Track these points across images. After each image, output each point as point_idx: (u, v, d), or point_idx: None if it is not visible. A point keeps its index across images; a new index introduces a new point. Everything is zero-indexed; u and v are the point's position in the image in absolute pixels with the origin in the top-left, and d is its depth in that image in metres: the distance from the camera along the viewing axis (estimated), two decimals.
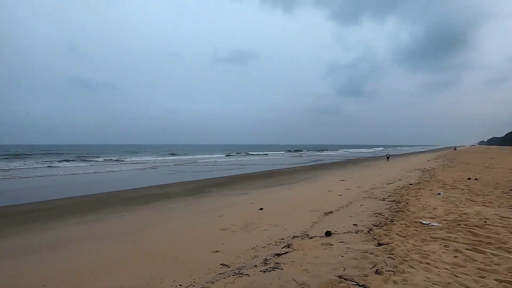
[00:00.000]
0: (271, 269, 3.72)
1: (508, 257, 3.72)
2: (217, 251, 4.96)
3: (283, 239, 5.18)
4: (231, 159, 45.67)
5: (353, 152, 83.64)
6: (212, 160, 43.18)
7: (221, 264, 4.29)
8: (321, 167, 26.89)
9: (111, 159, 41.82)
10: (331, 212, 6.94)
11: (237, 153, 67.89)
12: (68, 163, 34.82)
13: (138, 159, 43.08)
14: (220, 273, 3.88)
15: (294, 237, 5.16)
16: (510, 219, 5.40)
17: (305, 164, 32.42)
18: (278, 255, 4.26)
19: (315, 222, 6.13)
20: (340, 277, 3.35)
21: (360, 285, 3.12)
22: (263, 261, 4.07)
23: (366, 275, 3.33)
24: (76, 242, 6.26)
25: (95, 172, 24.19)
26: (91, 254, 5.46)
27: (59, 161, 36.27)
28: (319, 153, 76.02)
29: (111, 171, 25.55)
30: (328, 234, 4.98)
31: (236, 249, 4.94)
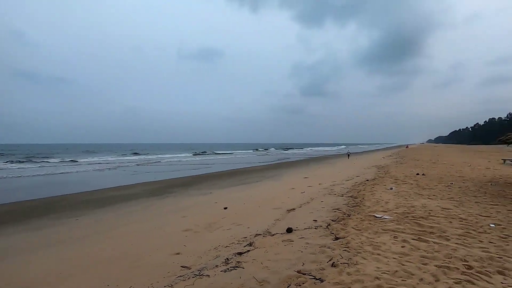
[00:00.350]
0: (232, 268, 3.72)
1: (446, 245, 4.12)
2: (178, 253, 4.84)
3: (245, 237, 5.20)
4: (198, 159, 44.83)
5: (317, 150, 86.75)
6: (177, 159, 42.00)
7: (182, 266, 4.19)
8: (286, 166, 27.49)
9: (64, 160, 38.64)
10: (294, 209, 7.13)
11: (204, 152, 66.82)
12: (14, 164, 31.54)
13: (96, 160, 40.40)
14: (180, 276, 3.80)
15: (257, 235, 5.21)
16: (450, 210, 6.00)
17: (271, 163, 32.91)
18: (240, 254, 4.27)
19: (277, 220, 6.25)
20: (298, 272, 3.46)
21: (316, 279, 3.25)
22: (224, 260, 4.06)
23: (323, 269, 3.47)
24: (22, 252, 5.70)
25: (47, 174, 22.22)
26: (37, 264, 5.02)
27: (4, 163, 32.71)
28: (285, 151, 77.66)
29: (65, 172, 23.66)
30: (289, 230, 5.10)
31: (198, 250, 4.86)
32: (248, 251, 4.36)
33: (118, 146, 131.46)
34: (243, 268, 3.71)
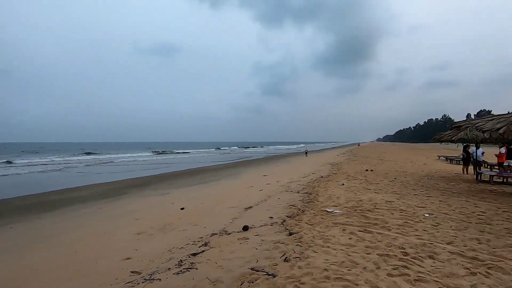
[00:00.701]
0: (186, 270, 3.63)
1: (388, 234, 4.50)
2: (128, 258, 4.59)
3: (201, 237, 5.12)
4: (157, 158, 42.87)
5: (278, 148, 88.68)
6: (133, 159, 39.74)
7: (132, 272, 3.98)
8: (246, 164, 27.66)
9: None
10: (251, 207, 7.20)
11: (164, 151, 64.22)
12: None
13: (38, 160, 36.47)
14: (129, 282, 3.60)
15: (213, 234, 5.16)
16: (392, 203, 6.56)
17: (231, 161, 32.83)
18: (195, 254, 4.18)
19: (235, 218, 6.25)
20: (252, 269, 3.50)
21: (269, 274, 3.31)
22: (177, 263, 3.94)
23: (276, 264, 3.56)
24: None
25: None
26: None
27: None
28: (246, 150, 78.07)
29: None
30: (245, 228, 5.14)
31: (150, 254, 4.66)
32: (203, 251, 4.29)
33: (69, 145, 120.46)
34: (197, 269, 3.64)
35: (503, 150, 12.47)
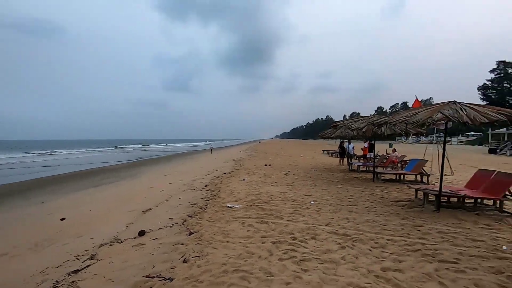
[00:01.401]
0: None
1: (281, 223, 4.97)
2: None
3: (87, 250, 4.46)
4: (40, 159, 34.61)
5: (183, 146, 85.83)
6: (5, 162, 30.86)
7: None
8: (147, 163, 25.71)
9: None
10: (150, 209, 6.73)
11: (53, 151, 52.62)
12: None
13: None
14: None
15: (102, 245, 4.57)
16: (285, 193, 7.31)
17: (131, 161, 29.86)
18: (77, 271, 3.61)
19: (130, 223, 5.72)
20: (147, 276, 3.27)
21: (166, 279, 3.17)
22: (52, 285, 3.31)
23: (174, 267, 3.43)
24: None
25: None
26: None
27: None
28: (148, 148, 72.41)
29: None
30: (141, 233, 4.76)
31: (14, 281, 3.76)
32: (89, 265, 3.75)
33: None
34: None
35: (366, 144, 15.65)
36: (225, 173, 11.94)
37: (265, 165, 14.69)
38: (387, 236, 4.27)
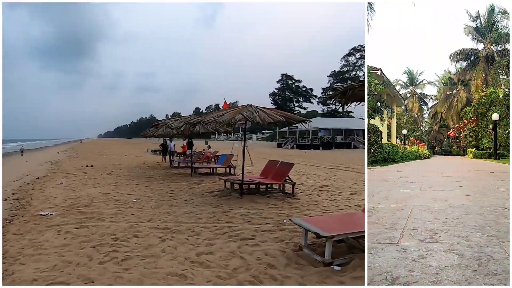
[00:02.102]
0: None
1: (102, 225, 5.11)
2: None
3: None
4: None
5: None
6: None
7: None
8: None
9: None
10: None
11: None
12: None
13: None
14: None
15: None
16: (108, 194, 7.35)
17: None
18: None
19: None
20: None
21: None
22: None
23: None
24: None
25: None
26: None
27: None
28: None
29: None
30: None
31: None
32: None
33: None
34: None
35: (185, 142, 17.24)
36: (38, 178, 10.13)
37: (87, 166, 13.64)
38: (202, 224, 4.93)
